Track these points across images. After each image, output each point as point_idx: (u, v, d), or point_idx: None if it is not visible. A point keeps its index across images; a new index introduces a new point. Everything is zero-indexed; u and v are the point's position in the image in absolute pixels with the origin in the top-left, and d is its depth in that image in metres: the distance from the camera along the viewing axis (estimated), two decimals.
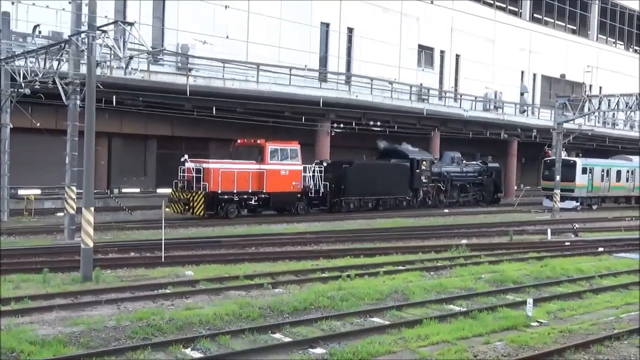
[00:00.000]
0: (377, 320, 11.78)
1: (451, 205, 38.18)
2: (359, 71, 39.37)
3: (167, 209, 26.42)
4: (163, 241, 17.70)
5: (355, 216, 30.64)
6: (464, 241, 22.71)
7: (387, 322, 11.51)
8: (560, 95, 38.73)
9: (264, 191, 28.22)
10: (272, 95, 32.49)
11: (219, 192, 26.90)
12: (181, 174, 27.36)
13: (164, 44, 31.44)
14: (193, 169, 26.72)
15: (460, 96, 44.73)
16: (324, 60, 38.88)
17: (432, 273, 16.63)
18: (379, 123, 37.77)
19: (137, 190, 34.31)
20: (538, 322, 12.00)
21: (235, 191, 27.37)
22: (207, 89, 30.57)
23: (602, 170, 41.85)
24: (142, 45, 17.03)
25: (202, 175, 26.61)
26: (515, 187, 49.30)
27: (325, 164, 31.66)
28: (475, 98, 45.07)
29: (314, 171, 30.70)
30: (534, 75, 53.64)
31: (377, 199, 33.75)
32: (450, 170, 38.82)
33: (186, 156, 27.41)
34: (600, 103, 35.86)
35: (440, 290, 14.32)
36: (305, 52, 36.90)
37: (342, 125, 36.52)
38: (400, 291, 13.86)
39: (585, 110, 35.99)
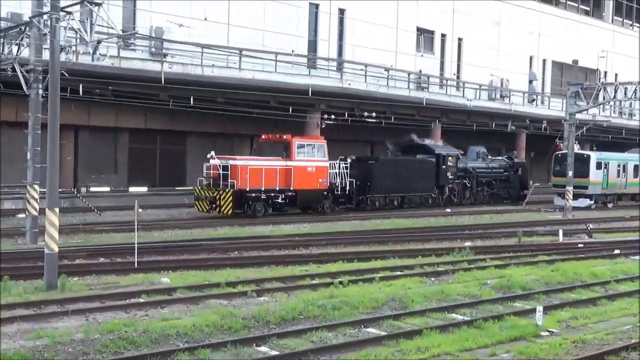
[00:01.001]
0: (372, 330, 11.81)
1: (476, 202, 39.27)
2: (351, 57, 39.41)
3: (193, 208, 28.99)
4: (136, 245, 17.66)
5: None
6: (467, 243, 22.79)
7: (383, 333, 11.54)
8: (572, 83, 38.92)
9: (291, 189, 29.53)
10: (256, 84, 32.45)
11: (247, 189, 28.17)
12: (206, 171, 28.59)
13: (135, 27, 31.32)
14: (220, 165, 27.99)
15: (463, 84, 44.86)
16: (313, 45, 38.88)
17: (432, 279, 16.68)
18: (374, 114, 37.82)
19: (107, 189, 34.20)
20: (548, 331, 12.07)
21: (263, 189, 28.68)
22: (184, 76, 30.51)
23: (619, 165, 42.10)
24: (112, 28, 16.97)
25: (229, 173, 27.80)
26: None
27: (349, 160, 32.81)
28: (480, 86, 45.24)
29: (339, 168, 31.95)
30: (544, 61, 53.90)
31: (403, 197, 35.16)
32: (475, 166, 39.88)
33: (212, 152, 28.70)
34: (616, 91, 36.08)
35: (442, 297, 14.37)
36: (292, 36, 36.89)
37: (333, 117, 36.52)
38: (398, 299, 13.90)
39: (600, 99, 36.22)
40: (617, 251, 22.17)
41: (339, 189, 31.90)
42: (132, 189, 34.59)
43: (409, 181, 35.06)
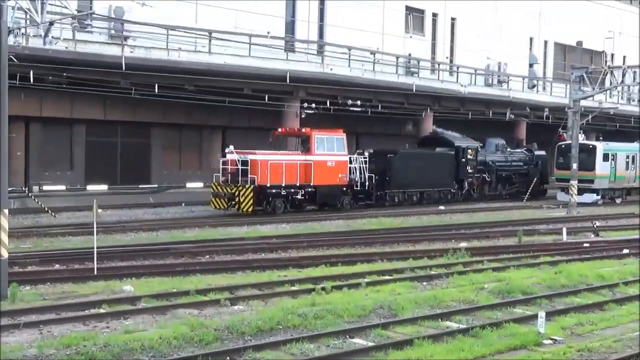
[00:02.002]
0: (358, 341, 11.86)
1: (495, 198, 40.45)
2: (333, 39, 39.40)
3: (209, 205, 30.65)
4: (95, 250, 17.57)
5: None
6: (463, 244, 22.92)
7: (371, 344, 11.59)
8: (576, 67, 39.10)
9: (312, 184, 31.27)
10: (228, 70, 32.38)
11: (268, 185, 29.79)
12: (223, 166, 30.28)
13: (92, 7, 31.09)
14: (238, 160, 29.46)
15: (457, 69, 45.07)
16: (290, 27, 38.84)
17: (424, 283, 16.78)
18: (359, 102, 37.91)
19: (63, 187, 33.98)
20: (551, 339, 12.18)
21: (283, 185, 30.32)
22: (147, 61, 30.36)
23: (627, 157, 42.48)
24: (65, 8, 16.85)
25: (248, 168, 29.28)
26: None
27: (367, 154, 34.33)
28: (475, 71, 45.46)
29: (358, 162, 33.54)
30: (545, 43, 54.26)
31: (422, 192, 36.91)
32: (495, 159, 41.01)
33: (232, 147, 30.26)
34: (624, 75, 36.33)
35: (435, 303, 14.46)
36: (267, 17, 36.81)
37: (314, 105, 36.54)
38: (387, 306, 13.96)
39: (607, 84, 36.54)
40: (625, 251, 22.44)
41: (358, 184, 33.45)
42: (90, 188, 34.39)
43: (428, 176, 36.79)
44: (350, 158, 33.02)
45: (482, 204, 38.37)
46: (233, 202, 29.33)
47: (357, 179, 33.32)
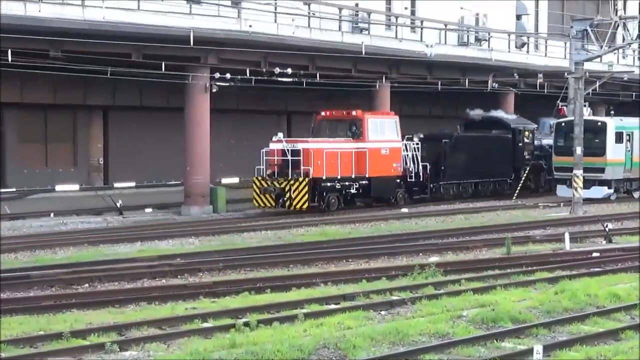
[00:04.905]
0: None
1: (551, 190, 43.41)
2: None
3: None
4: None
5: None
6: (433, 259, 23.10)
7: None
8: (578, 19, 39.61)
9: (367, 176, 35.68)
10: (110, 29, 31.97)
11: (324, 178, 34.08)
12: (267, 158, 34.56)
13: None
14: (287, 150, 33.81)
15: (421, 23, 45.41)
16: None
17: (383, 312, 16.84)
18: (289, 70, 37.86)
19: None
20: None
21: (339, 177, 34.69)
22: None
23: None
24: None
25: (301, 158, 33.58)
26: None
27: (416, 139, 38.84)
28: (446, 26, 45.84)
29: (411, 149, 38.18)
30: None
31: (477, 183, 42.13)
32: (551, 143, 43.67)
33: (280, 134, 35.04)
34: None
35: (397, 339, 14.51)
36: None
37: (228, 76, 36.38)
38: (333, 344, 13.96)
39: (619, 41, 37.27)
40: None
41: (413, 175, 38.04)
42: None
43: (484, 164, 41.70)
44: (404, 145, 37.67)
45: (458, 204, 38.81)
46: (284, 199, 33.37)
47: (411, 169, 37.88)
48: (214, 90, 36.45)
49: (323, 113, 37.37)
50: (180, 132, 36.83)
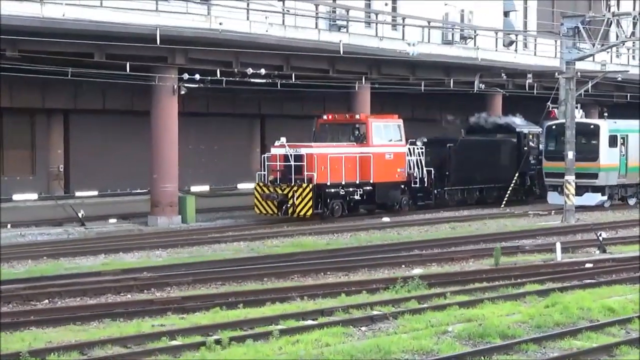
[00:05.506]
0: None
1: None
2: None
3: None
4: None
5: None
6: (417, 271, 23.10)
7: None
8: (569, 15, 39.72)
9: (371, 181, 36.90)
10: (70, 26, 31.79)
11: (328, 184, 35.25)
12: (268, 163, 35.73)
13: None
14: (290, 155, 34.85)
15: (403, 20, 45.46)
16: None
17: (363, 328, 16.80)
18: (263, 71, 37.80)
19: None
20: None
21: (343, 182, 35.95)
22: None
23: None
24: None
25: (304, 164, 34.71)
26: None
27: (419, 143, 39.83)
28: (429, 23, 45.87)
29: (415, 154, 39.37)
30: None
31: (481, 189, 43.32)
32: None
33: (283, 139, 35.49)
34: (635, 26, 37.14)
35: (379, 356, 14.47)
36: None
37: (197, 77, 36.29)
38: None
39: (612, 38, 37.40)
40: None
41: (417, 180, 39.22)
42: None
43: (489, 169, 42.92)
44: (409, 149, 38.88)
45: (443, 212, 38.85)
46: (287, 206, 34.42)
47: (415, 175, 39.01)
48: (182, 92, 36.30)
49: (325, 117, 38.74)
50: (146, 137, 36.66)
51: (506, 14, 52.61)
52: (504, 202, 42.16)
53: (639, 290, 20.10)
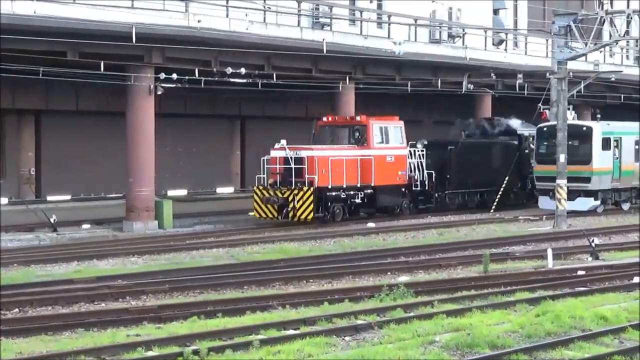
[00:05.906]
0: None
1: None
2: None
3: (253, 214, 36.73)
4: None
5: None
6: (402, 278, 23.14)
7: None
8: (560, 13, 39.80)
9: (372, 184, 37.71)
10: (41, 23, 31.73)
11: (329, 187, 35.91)
12: (268, 166, 36.31)
13: None
14: (290, 158, 35.40)
15: (389, 18, 45.53)
16: None
17: (347, 338, 16.81)
18: (243, 70, 37.81)
19: None
20: None
21: (344, 186, 36.70)
22: None
23: (637, 142, 43.41)
24: None
25: (305, 166, 35.39)
26: None
27: (420, 145, 40.59)
28: (416, 21, 45.95)
29: (416, 156, 40.24)
30: None
31: (482, 192, 43.86)
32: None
33: (283, 141, 36.06)
34: (628, 24, 37.26)
35: None
36: None
37: (175, 77, 36.26)
38: None
39: (605, 38, 37.53)
40: (637, 279, 22.97)
41: (418, 183, 40.00)
42: None
43: (490, 172, 43.59)
44: (409, 152, 39.68)
45: (431, 218, 38.92)
46: (287, 210, 35.09)
47: (416, 178, 39.77)
48: (159, 92, 36.27)
49: (325, 118, 39.42)
50: (121, 139, 36.60)
51: (496, 11, 52.66)
52: (492, 207, 42.00)
53: (639, 298, 20.27)
